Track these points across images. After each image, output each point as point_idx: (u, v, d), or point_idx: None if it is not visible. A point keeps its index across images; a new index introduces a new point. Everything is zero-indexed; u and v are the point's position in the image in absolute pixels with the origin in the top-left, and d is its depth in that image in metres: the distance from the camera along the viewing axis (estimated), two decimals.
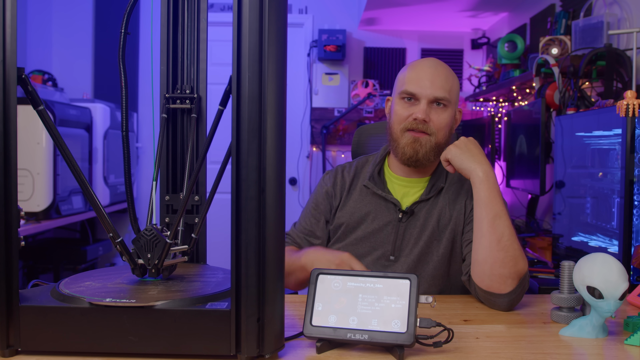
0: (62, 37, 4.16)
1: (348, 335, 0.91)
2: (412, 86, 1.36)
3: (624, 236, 1.55)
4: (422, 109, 1.34)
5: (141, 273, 0.99)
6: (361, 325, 0.92)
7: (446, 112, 1.37)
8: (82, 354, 0.87)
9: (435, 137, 1.37)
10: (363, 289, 0.94)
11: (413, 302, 0.91)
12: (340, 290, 0.95)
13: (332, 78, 4.39)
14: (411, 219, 1.40)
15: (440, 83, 1.35)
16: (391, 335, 0.90)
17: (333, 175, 1.52)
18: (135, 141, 4.18)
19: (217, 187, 0.98)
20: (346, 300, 0.94)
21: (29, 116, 2.62)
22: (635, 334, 0.98)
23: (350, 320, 0.92)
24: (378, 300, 0.93)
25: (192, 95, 1.17)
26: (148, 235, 0.96)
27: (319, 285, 0.96)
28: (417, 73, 1.37)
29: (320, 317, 0.93)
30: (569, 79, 2.39)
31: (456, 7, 3.77)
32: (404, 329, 0.90)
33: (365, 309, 0.93)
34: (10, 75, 0.85)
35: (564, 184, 2.15)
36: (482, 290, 1.22)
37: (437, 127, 1.37)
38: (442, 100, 1.36)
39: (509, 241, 1.18)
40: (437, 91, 1.35)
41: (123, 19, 0.99)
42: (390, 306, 0.92)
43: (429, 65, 1.38)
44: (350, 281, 0.96)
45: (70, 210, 3.05)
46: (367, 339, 0.90)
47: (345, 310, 0.93)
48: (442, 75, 1.36)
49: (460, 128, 3.82)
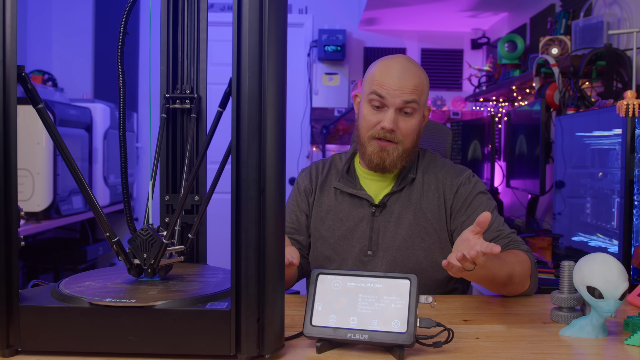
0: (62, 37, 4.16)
1: (348, 335, 0.91)
2: (380, 88, 1.34)
3: (624, 236, 1.55)
4: (390, 119, 1.33)
5: (137, 273, 0.99)
6: (361, 325, 0.92)
7: (414, 118, 1.36)
8: (82, 354, 0.87)
9: (402, 144, 1.36)
10: (363, 289, 0.94)
11: (413, 302, 0.92)
12: (340, 290, 0.95)
13: (332, 78, 4.39)
14: (385, 212, 1.41)
15: (410, 85, 1.33)
16: (391, 335, 0.90)
17: (308, 172, 1.53)
18: (135, 141, 4.18)
19: (216, 187, 0.98)
20: (346, 300, 0.94)
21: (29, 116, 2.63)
22: (635, 334, 0.98)
23: (350, 320, 0.92)
24: (378, 300, 0.93)
25: (192, 95, 1.17)
26: (144, 235, 0.96)
27: (319, 285, 0.96)
28: (387, 71, 1.35)
29: (320, 317, 0.93)
30: (569, 79, 2.39)
31: (456, 7, 3.77)
32: (404, 329, 0.90)
33: (365, 309, 0.93)
34: (10, 75, 0.85)
35: (564, 184, 2.15)
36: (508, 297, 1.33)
37: (405, 135, 1.36)
38: (410, 104, 1.34)
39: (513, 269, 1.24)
40: (406, 95, 1.33)
41: (122, 18, 0.99)
42: (390, 306, 0.92)
43: (398, 64, 1.36)
44: (350, 281, 0.96)
45: (70, 210, 3.05)
46: (367, 339, 0.91)
47: (345, 310, 0.93)
48: (411, 75, 1.34)
49: (460, 128, 3.82)
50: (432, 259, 1.39)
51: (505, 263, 1.21)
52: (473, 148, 3.59)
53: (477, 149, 3.51)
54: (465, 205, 1.39)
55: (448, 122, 4.15)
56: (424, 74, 1.39)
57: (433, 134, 1.77)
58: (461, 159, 3.77)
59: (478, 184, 1.42)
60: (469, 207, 1.38)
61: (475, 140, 3.55)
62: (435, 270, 1.40)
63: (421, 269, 1.39)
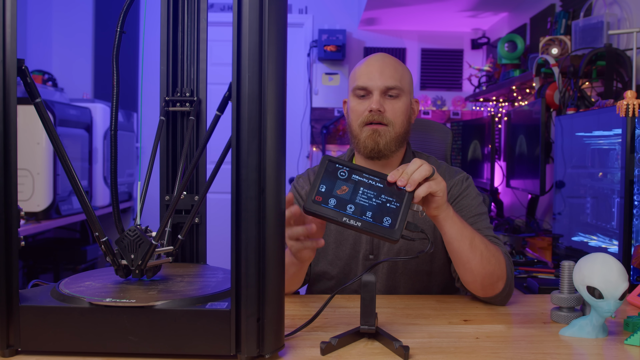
0: (62, 37, 4.16)
1: (344, 219, 0.98)
2: (362, 80, 1.38)
3: (624, 236, 1.55)
4: (376, 100, 1.36)
5: (125, 274, 0.99)
6: (357, 214, 0.99)
7: (400, 101, 1.38)
8: (82, 354, 0.87)
9: (393, 127, 1.37)
10: (365, 184, 1.02)
11: (407, 207, 1.00)
12: (345, 179, 1.02)
13: (332, 78, 4.39)
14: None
15: (390, 73, 1.37)
16: (381, 229, 0.98)
17: (307, 177, 1.51)
18: (135, 141, 4.18)
19: (216, 187, 0.98)
20: (348, 189, 1.01)
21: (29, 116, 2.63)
22: (635, 334, 0.98)
23: (347, 207, 0.99)
24: (377, 197, 1.01)
25: (191, 98, 1.17)
26: (132, 236, 0.95)
27: (327, 169, 1.02)
28: (366, 67, 1.39)
29: (322, 197, 1.00)
30: (569, 79, 2.39)
31: (456, 7, 3.77)
32: (394, 226, 0.98)
33: (364, 201, 1.00)
34: (11, 75, 0.85)
35: (564, 184, 2.15)
36: (479, 297, 1.26)
37: (393, 116, 1.37)
38: (393, 89, 1.37)
39: (488, 252, 1.18)
40: (388, 80, 1.36)
41: (119, 17, 0.99)
42: (386, 205, 1.00)
43: (376, 59, 1.40)
44: (355, 174, 1.03)
45: (70, 210, 3.05)
46: (359, 227, 0.98)
47: (345, 197, 1.00)
48: (390, 66, 1.38)
49: (460, 128, 3.82)
50: (431, 259, 1.39)
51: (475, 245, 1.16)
52: (473, 148, 3.59)
53: (477, 149, 3.51)
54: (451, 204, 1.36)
55: (448, 122, 4.16)
56: (403, 67, 1.42)
57: (433, 134, 1.77)
58: (461, 159, 3.77)
59: (470, 188, 1.40)
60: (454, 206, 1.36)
61: (475, 140, 3.55)
62: (436, 272, 1.40)
63: (422, 271, 1.39)
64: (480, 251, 1.17)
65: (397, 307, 1.23)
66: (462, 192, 1.39)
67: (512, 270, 1.25)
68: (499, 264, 1.20)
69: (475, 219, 1.34)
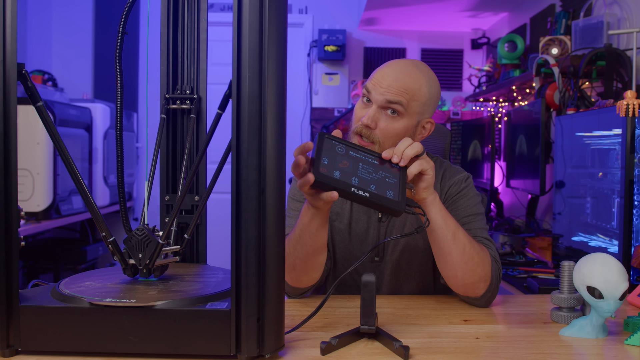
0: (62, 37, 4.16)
1: (352, 189, 0.97)
2: (371, 84, 1.27)
3: (624, 236, 1.55)
4: (369, 114, 1.24)
5: (132, 273, 0.99)
6: (363, 186, 0.98)
7: (398, 122, 1.25)
8: (82, 354, 0.87)
9: (379, 146, 1.25)
10: (363, 160, 1.03)
11: (403, 182, 1.03)
12: (344, 154, 1.02)
13: (332, 78, 4.39)
14: (391, 217, 1.38)
15: (400, 86, 1.23)
16: (388, 200, 0.98)
17: None
18: (135, 141, 4.18)
19: (216, 187, 0.98)
20: (349, 163, 1.01)
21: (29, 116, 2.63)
22: (635, 334, 0.98)
23: (352, 180, 0.99)
24: (375, 172, 1.02)
25: (192, 95, 1.17)
26: (139, 235, 0.96)
27: (325, 144, 1.01)
28: (381, 72, 1.27)
29: (326, 169, 0.98)
30: (569, 79, 2.39)
31: (456, 7, 3.77)
32: (397, 198, 0.99)
33: (365, 175, 1.01)
34: (11, 75, 0.85)
35: (564, 184, 2.15)
36: (460, 296, 1.26)
37: (383, 137, 1.25)
38: (396, 104, 1.23)
39: (472, 249, 1.17)
40: (392, 94, 1.23)
41: (121, 18, 0.99)
42: (385, 180, 1.02)
43: (395, 66, 1.27)
44: (352, 151, 1.04)
45: (70, 210, 3.05)
46: (367, 197, 0.97)
47: (348, 170, 1.00)
48: (407, 78, 1.24)
49: (460, 128, 3.82)
50: (433, 260, 1.39)
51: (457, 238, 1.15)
52: (473, 148, 3.59)
53: (477, 149, 3.51)
54: (448, 202, 1.35)
55: (448, 122, 4.15)
56: (426, 82, 1.26)
57: (432, 134, 1.77)
58: (461, 159, 3.77)
59: (469, 188, 1.38)
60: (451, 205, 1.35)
61: (475, 140, 3.55)
62: (439, 273, 1.39)
63: (424, 271, 1.39)
64: (463, 245, 1.15)
65: (397, 307, 1.23)
66: (460, 191, 1.37)
67: (498, 276, 1.22)
68: (483, 264, 1.18)
69: (469, 219, 1.32)
